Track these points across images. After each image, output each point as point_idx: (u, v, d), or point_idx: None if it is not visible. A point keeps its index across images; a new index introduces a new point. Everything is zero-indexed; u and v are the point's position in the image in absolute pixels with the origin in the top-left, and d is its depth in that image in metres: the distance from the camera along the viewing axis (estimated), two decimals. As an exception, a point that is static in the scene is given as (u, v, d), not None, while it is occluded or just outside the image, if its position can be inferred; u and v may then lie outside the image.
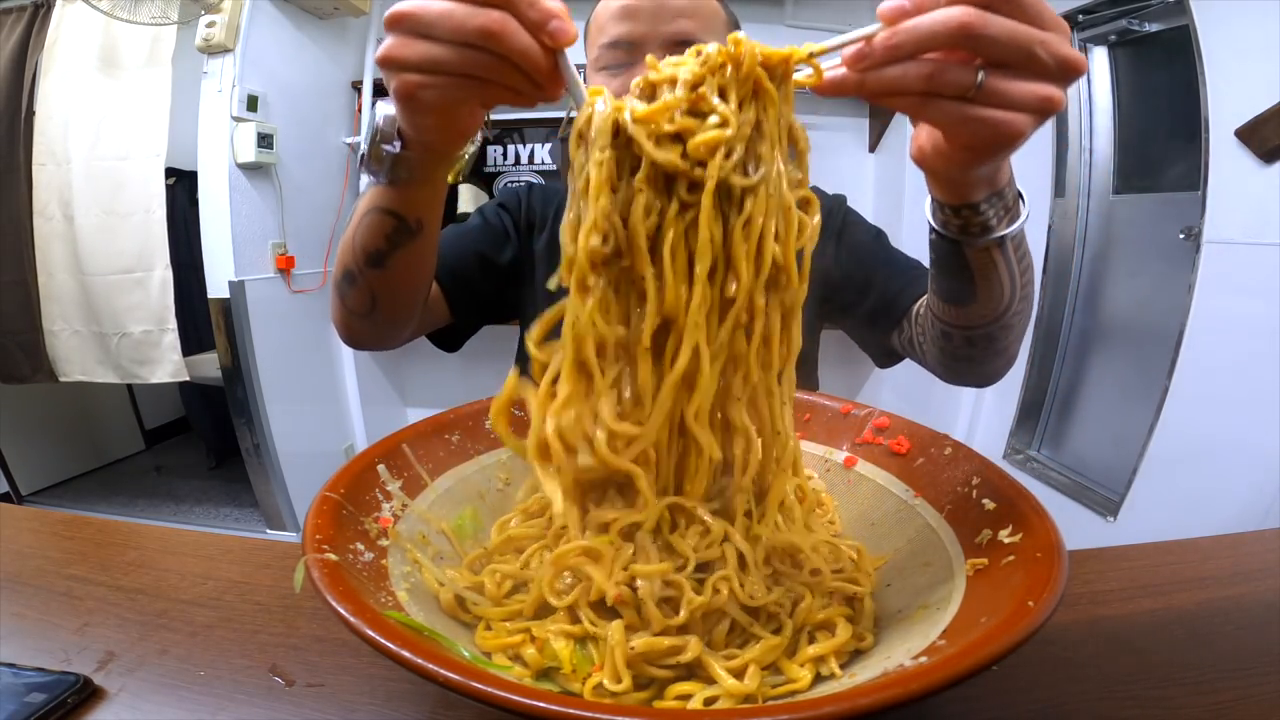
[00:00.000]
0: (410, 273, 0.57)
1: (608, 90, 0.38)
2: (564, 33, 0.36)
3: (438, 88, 0.37)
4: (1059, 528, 0.32)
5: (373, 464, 0.41)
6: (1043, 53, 0.32)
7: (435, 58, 0.36)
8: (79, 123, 1.94)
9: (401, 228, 0.52)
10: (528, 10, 0.35)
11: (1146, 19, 1.86)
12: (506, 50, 0.35)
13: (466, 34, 0.35)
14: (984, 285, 0.51)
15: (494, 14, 0.35)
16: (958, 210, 0.45)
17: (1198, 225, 1.62)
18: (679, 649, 0.32)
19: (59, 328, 2.05)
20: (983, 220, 0.45)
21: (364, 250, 0.54)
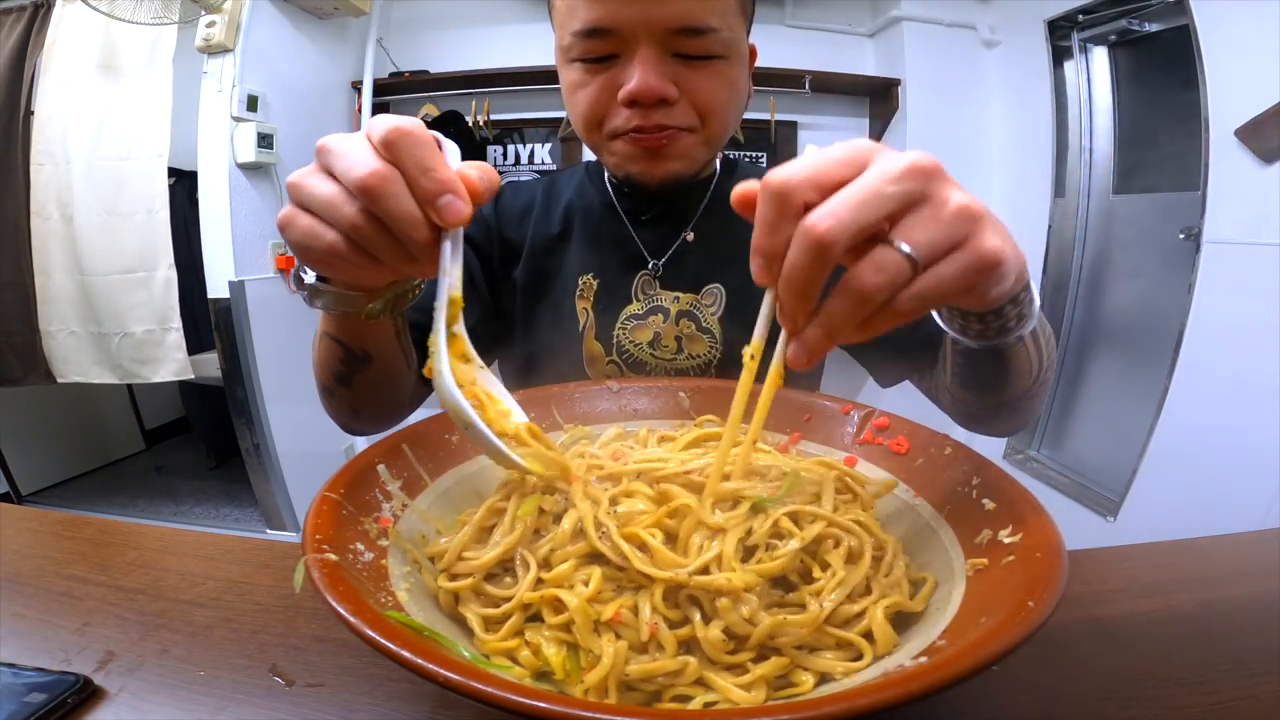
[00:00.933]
0: (377, 391, 0.56)
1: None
2: (454, 211, 0.33)
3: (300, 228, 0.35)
4: (1059, 528, 0.32)
5: (373, 464, 0.41)
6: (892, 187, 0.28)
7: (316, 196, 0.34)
8: (79, 123, 1.94)
9: (350, 356, 0.51)
10: (419, 177, 0.33)
11: (1146, 19, 1.86)
12: (382, 211, 0.33)
13: (349, 182, 0.33)
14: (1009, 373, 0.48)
15: (381, 168, 0.32)
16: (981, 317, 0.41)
17: (1198, 225, 1.62)
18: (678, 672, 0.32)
19: (55, 329, 2.04)
20: (1001, 324, 0.41)
21: (328, 370, 0.54)
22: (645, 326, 0.71)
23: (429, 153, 0.33)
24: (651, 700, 0.32)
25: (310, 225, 0.35)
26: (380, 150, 0.33)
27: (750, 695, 0.31)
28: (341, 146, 0.34)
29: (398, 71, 2.37)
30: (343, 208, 0.33)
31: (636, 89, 0.57)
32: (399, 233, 0.33)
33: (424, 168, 0.33)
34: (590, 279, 0.72)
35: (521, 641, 0.34)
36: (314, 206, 0.34)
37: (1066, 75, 2.09)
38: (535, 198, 0.77)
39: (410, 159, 0.33)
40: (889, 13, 2.27)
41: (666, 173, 0.63)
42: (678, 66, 0.59)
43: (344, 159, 0.33)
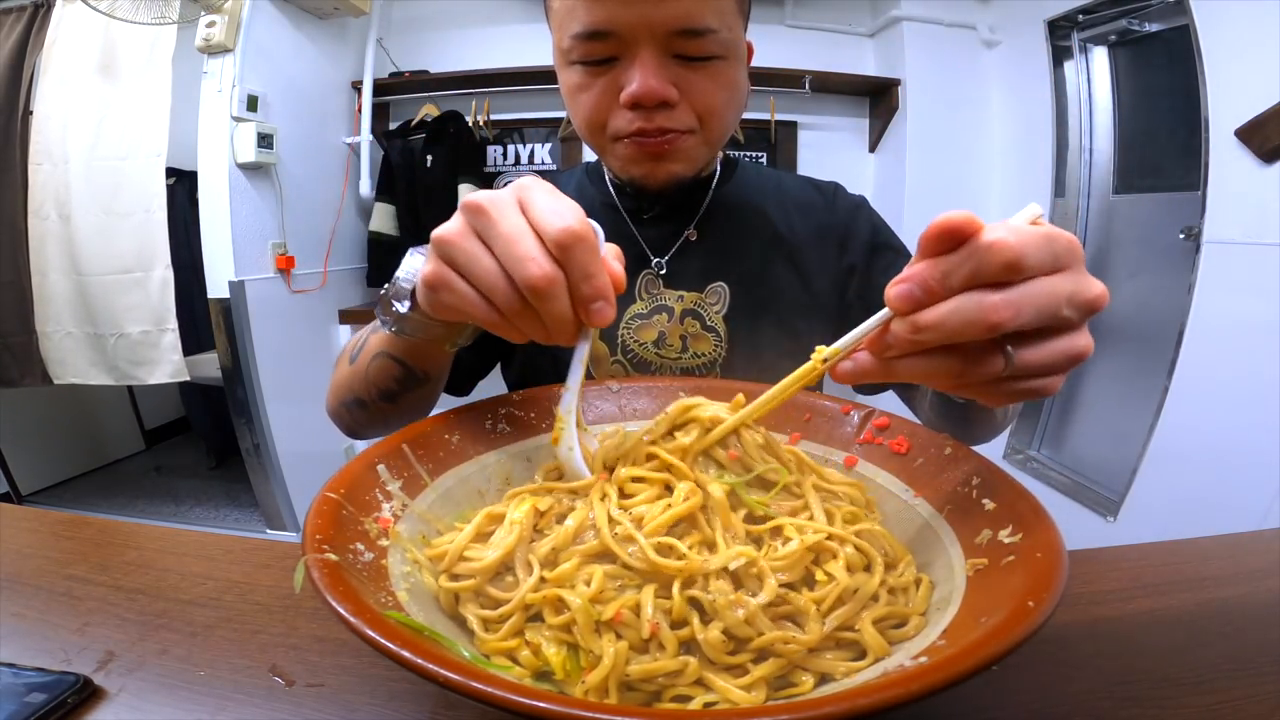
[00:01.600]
0: (422, 405, 0.58)
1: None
2: (603, 316, 0.35)
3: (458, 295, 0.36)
4: (1059, 528, 0.32)
5: (373, 464, 0.41)
6: (1069, 310, 0.29)
7: (476, 270, 0.35)
8: (78, 123, 1.94)
9: (409, 376, 0.53)
10: (581, 283, 0.35)
11: (1146, 19, 1.86)
12: (543, 311, 0.35)
13: (517, 274, 0.34)
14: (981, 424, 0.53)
15: (551, 271, 0.34)
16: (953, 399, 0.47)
17: (1198, 225, 1.62)
18: (678, 672, 0.32)
19: (52, 329, 2.04)
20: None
21: (376, 387, 0.55)
22: (650, 326, 0.71)
23: (594, 259, 0.35)
24: (651, 700, 0.32)
25: (468, 295, 0.36)
26: (552, 250, 0.34)
27: (750, 696, 0.31)
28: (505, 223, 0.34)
29: (398, 71, 2.37)
30: (506, 293, 0.35)
31: (638, 92, 0.57)
32: (550, 326, 0.36)
33: (587, 274, 0.35)
34: None
35: (522, 641, 0.34)
36: (474, 278, 0.36)
37: (1066, 75, 2.09)
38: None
39: (577, 265, 0.34)
40: (889, 13, 2.27)
41: (668, 175, 0.64)
42: (678, 68, 0.59)
43: (513, 245, 0.34)
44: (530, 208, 0.35)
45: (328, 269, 2.28)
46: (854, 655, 0.33)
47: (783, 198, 0.75)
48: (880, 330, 0.32)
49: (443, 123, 2.30)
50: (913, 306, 0.30)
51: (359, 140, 2.33)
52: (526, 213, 0.35)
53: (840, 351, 0.34)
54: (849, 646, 0.33)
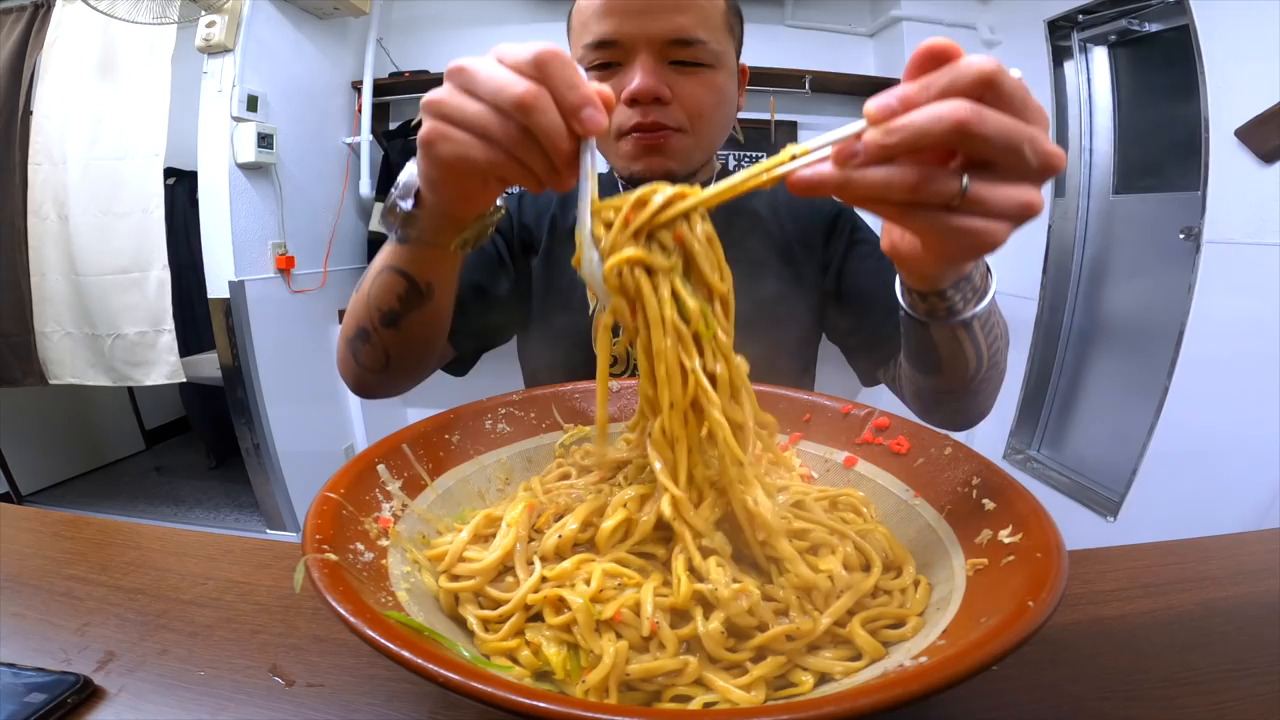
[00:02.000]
0: (424, 334, 0.58)
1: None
2: (595, 121, 0.36)
3: (455, 142, 0.38)
4: (1059, 528, 0.32)
5: (373, 464, 0.41)
6: (1029, 151, 0.30)
7: (467, 113, 0.37)
8: (76, 123, 1.93)
9: (412, 290, 0.53)
10: (566, 92, 0.36)
11: (1146, 19, 1.86)
12: (534, 125, 0.36)
13: (502, 100, 0.36)
14: (949, 360, 0.52)
15: (533, 87, 0.35)
16: (925, 296, 0.47)
17: (1198, 225, 1.62)
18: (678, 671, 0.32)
19: (51, 329, 2.03)
20: (949, 305, 0.46)
21: (378, 309, 0.55)
22: None
23: (573, 70, 0.36)
24: (651, 700, 0.32)
25: (465, 140, 0.37)
26: (529, 70, 0.36)
27: (750, 695, 0.31)
28: (484, 69, 0.37)
29: (398, 71, 2.37)
30: (499, 123, 0.36)
31: (636, 88, 0.65)
32: (547, 144, 0.37)
33: (571, 84, 0.36)
34: None
35: (522, 641, 0.34)
36: (468, 123, 0.37)
37: (1066, 75, 2.09)
38: (552, 200, 0.85)
39: (558, 77, 0.36)
40: (889, 13, 2.27)
41: (664, 170, 0.70)
42: (672, 73, 0.67)
43: (492, 80, 0.36)
44: (503, 54, 0.37)
45: (328, 269, 2.28)
46: (853, 655, 0.33)
47: (774, 201, 0.81)
48: (849, 141, 0.32)
49: (443, 123, 2.29)
50: (888, 116, 0.31)
51: (359, 140, 2.33)
52: (501, 58, 0.37)
53: (809, 151, 0.33)
54: (848, 645, 0.33)
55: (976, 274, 0.46)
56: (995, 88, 0.30)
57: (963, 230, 0.31)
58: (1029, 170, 0.31)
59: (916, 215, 0.32)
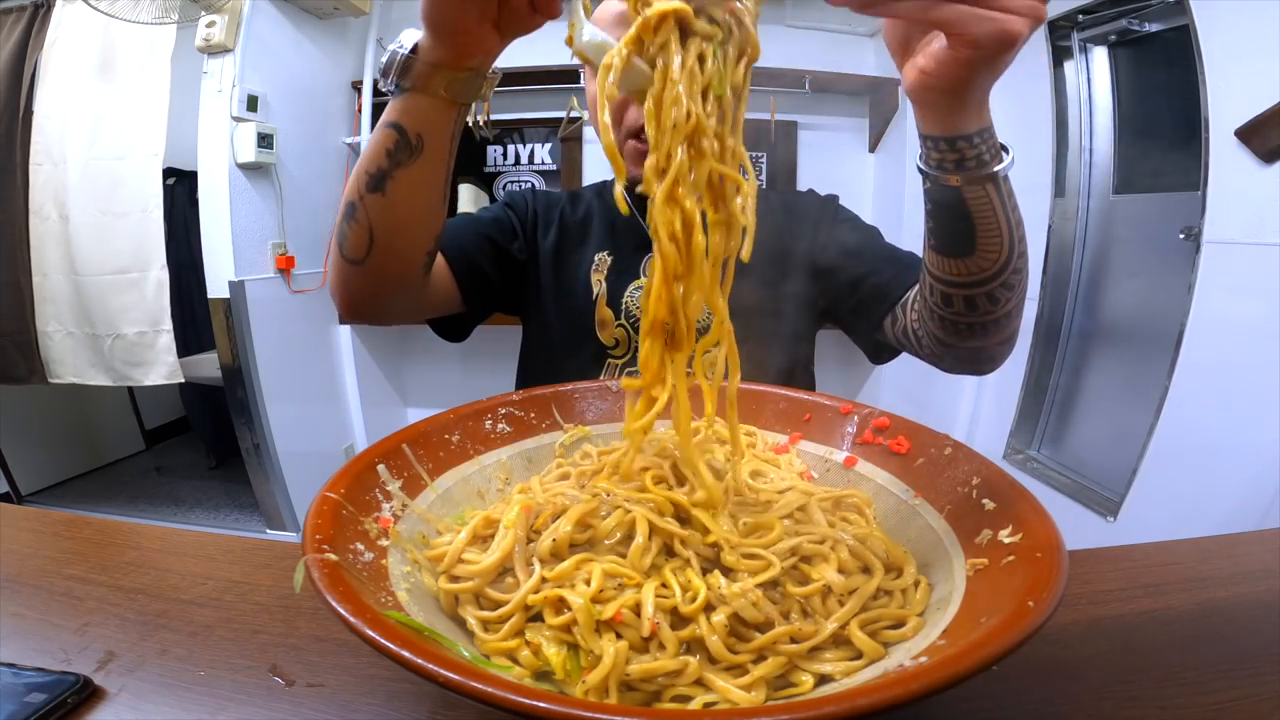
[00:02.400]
0: (409, 201, 0.55)
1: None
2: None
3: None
4: (1059, 528, 0.32)
5: (373, 464, 0.41)
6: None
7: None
8: (76, 123, 1.93)
9: (402, 143, 0.52)
10: None
11: (1146, 19, 1.86)
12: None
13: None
14: (983, 230, 0.51)
15: None
16: (953, 143, 0.47)
17: (1198, 225, 1.62)
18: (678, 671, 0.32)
19: (53, 329, 2.04)
20: (976, 154, 0.48)
21: (365, 172, 0.54)
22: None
23: None
24: (651, 700, 0.32)
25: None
26: None
27: (750, 696, 0.31)
28: None
29: (398, 71, 2.37)
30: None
31: None
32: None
33: None
34: (605, 256, 0.84)
35: (522, 641, 0.34)
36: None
37: (1066, 75, 2.09)
38: (563, 198, 0.91)
39: None
40: (889, 13, 2.27)
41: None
42: None
43: None
44: None
45: (328, 269, 2.28)
46: (853, 655, 0.33)
47: (768, 199, 0.86)
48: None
49: (443, 123, 2.29)
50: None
51: (359, 140, 2.33)
52: None
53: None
54: (848, 646, 0.33)
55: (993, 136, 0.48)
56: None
57: (985, 17, 0.37)
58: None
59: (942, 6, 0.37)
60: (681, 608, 0.33)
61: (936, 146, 0.48)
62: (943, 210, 0.52)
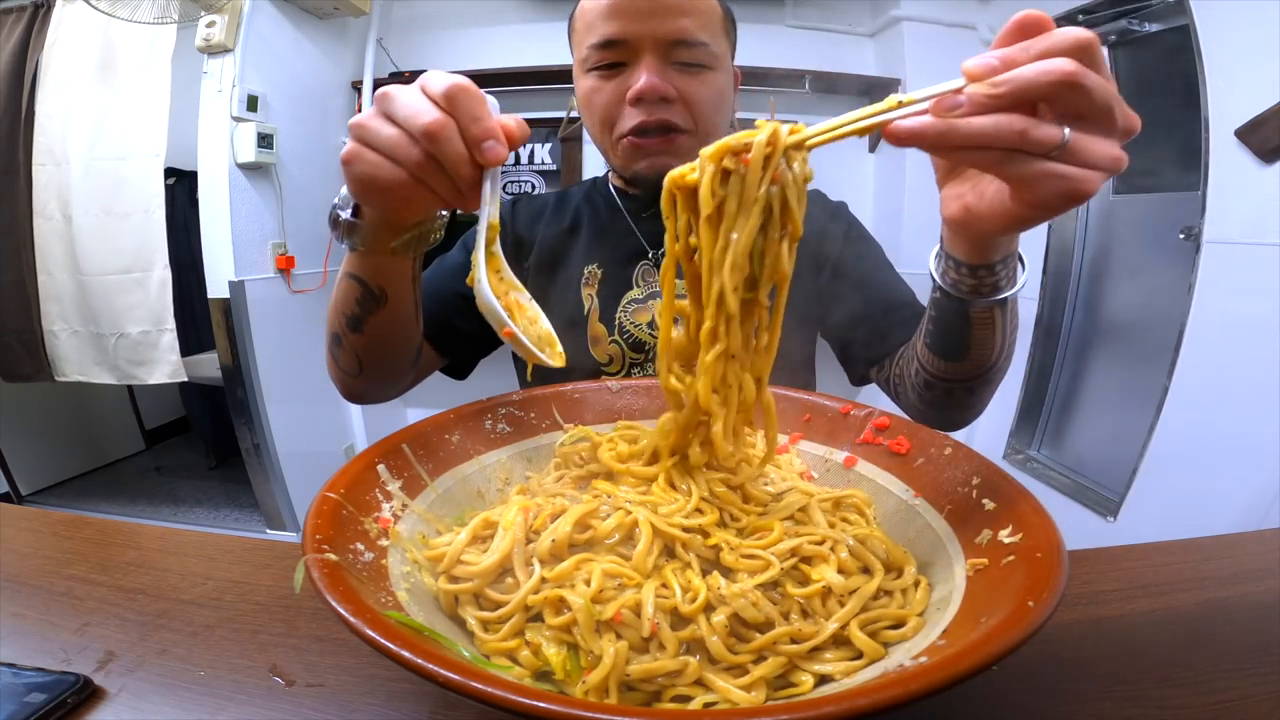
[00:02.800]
0: (389, 337, 0.59)
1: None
2: (495, 153, 0.40)
3: (367, 163, 0.42)
4: (1059, 528, 0.32)
5: (373, 464, 0.41)
6: (1118, 112, 0.33)
7: (381, 137, 0.41)
8: (78, 123, 1.94)
9: (367, 294, 0.55)
10: (470, 125, 0.40)
11: (1146, 19, 1.86)
12: (439, 153, 0.40)
13: (412, 127, 0.40)
14: (977, 342, 0.53)
15: (440, 117, 0.40)
16: (974, 270, 0.47)
17: (1198, 225, 1.62)
18: (678, 672, 0.32)
19: (58, 328, 2.05)
20: (994, 281, 0.48)
21: (341, 314, 0.57)
22: (644, 309, 0.78)
23: (479, 105, 0.41)
24: (651, 700, 0.32)
25: (378, 161, 0.42)
26: (440, 102, 0.40)
27: (750, 696, 0.31)
28: (404, 97, 0.41)
29: (398, 71, 2.37)
30: (407, 148, 0.41)
31: (643, 87, 0.68)
32: (451, 170, 0.41)
33: (474, 117, 0.40)
34: (595, 269, 0.80)
35: (522, 641, 0.34)
36: (380, 146, 0.41)
37: (1066, 75, 2.09)
38: (547, 204, 0.86)
39: (464, 110, 0.40)
40: (889, 13, 2.27)
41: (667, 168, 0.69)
42: (675, 74, 0.70)
43: (407, 108, 0.40)
44: (424, 82, 0.41)
45: (328, 269, 2.28)
46: (853, 655, 0.33)
47: None
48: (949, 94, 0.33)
49: (443, 123, 2.30)
50: (990, 73, 0.32)
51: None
52: (423, 87, 0.41)
53: (914, 100, 0.34)
54: (848, 646, 0.33)
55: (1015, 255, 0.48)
56: (1090, 54, 0.32)
57: (1061, 176, 0.33)
58: (1115, 128, 0.34)
59: (1018, 162, 0.33)
60: (681, 608, 0.33)
61: (957, 269, 0.48)
62: (944, 319, 0.53)
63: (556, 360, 0.48)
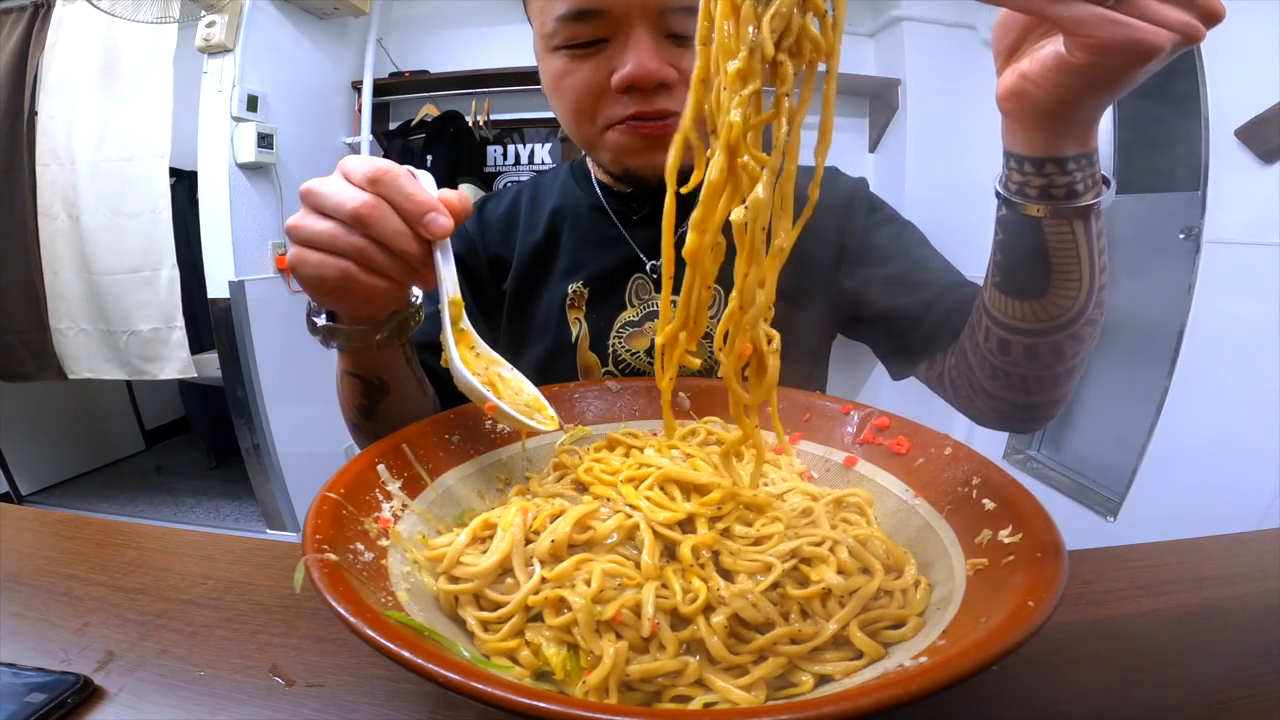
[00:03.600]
0: (404, 411, 0.55)
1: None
2: (439, 225, 0.39)
3: (312, 264, 0.40)
4: (1059, 528, 0.32)
5: (373, 464, 0.41)
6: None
7: (316, 233, 0.39)
8: (82, 124, 1.95)
9: (370, 388, 0.53)
10: (404, 201, 0.39)
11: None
12: (376, 235, 0.39)
13: (344, 214, 0.38)
14: (1060, 272, 0.44)
15: (369, 199, 0.38)
16: (1041, 166, 0.40)
17: (1198, 225, 1.62)
18: (678, 672, 0.32)
19: (65, 326, 2.06)
20: (1069, 182, 0.40)
21: (351, 406, 0.56)
22: (642, 334, 0.67)
23: (407, 181, 0.39)
24: (651, 700, 0.32)
25: (320, 259, 0.40)
26: (364, 185, 0.39)
27: (750, 696, 0.31)
28: (326, 188, 0.39)
29: (398, 71, 2.37)
30: (344, 237, 0.39)
31: (634, 73, 0.53)
32: (395, 249, 0.39)
33: (406, 194, 0.39)
34: (580, 287, 0.68)
35: (522, 642, 0.34)
36: (318, 243, 0.40)
37: (1066, 75, 2.09)
38: (519, 206, 0.74)
39: (392, 189, 0.39)
40: (889, 13, 2.27)
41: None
42: (671, 48, 0.54)
43: (333, 197, 0.39)
44: (346, 168, 0.40)
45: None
46: (853, 655, 0.33)
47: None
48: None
49: (443, 123, 2.30)
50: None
51: (359, 140, 2.33)
52: (345, 174, 0.40)
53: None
54: (848, 646, 0.33)
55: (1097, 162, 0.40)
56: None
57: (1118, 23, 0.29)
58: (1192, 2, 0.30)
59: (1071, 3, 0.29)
60: (681, 608, 0.33)
61: (1021, 168, 0.41)
62: (1016, 243, 0.45)
63: (549, 424, 0.45)
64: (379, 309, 0.47)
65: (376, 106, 2.36)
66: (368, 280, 0.40)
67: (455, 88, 2.35)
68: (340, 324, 0.47)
